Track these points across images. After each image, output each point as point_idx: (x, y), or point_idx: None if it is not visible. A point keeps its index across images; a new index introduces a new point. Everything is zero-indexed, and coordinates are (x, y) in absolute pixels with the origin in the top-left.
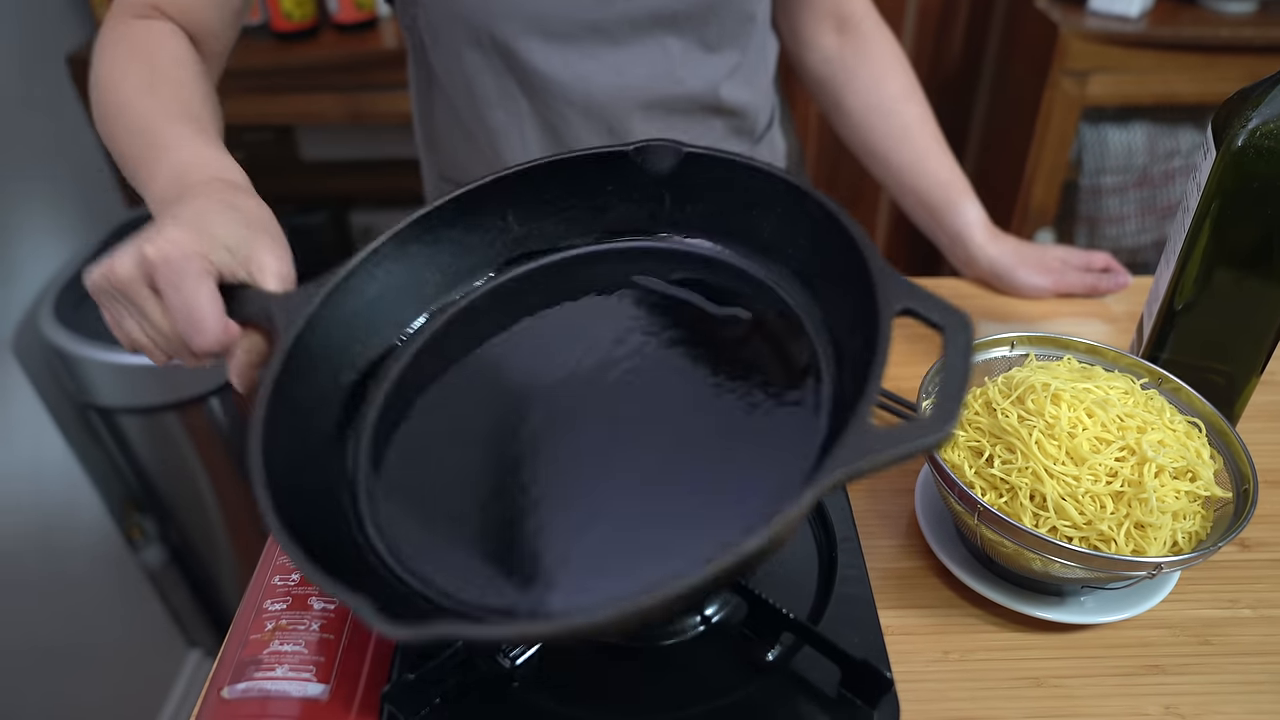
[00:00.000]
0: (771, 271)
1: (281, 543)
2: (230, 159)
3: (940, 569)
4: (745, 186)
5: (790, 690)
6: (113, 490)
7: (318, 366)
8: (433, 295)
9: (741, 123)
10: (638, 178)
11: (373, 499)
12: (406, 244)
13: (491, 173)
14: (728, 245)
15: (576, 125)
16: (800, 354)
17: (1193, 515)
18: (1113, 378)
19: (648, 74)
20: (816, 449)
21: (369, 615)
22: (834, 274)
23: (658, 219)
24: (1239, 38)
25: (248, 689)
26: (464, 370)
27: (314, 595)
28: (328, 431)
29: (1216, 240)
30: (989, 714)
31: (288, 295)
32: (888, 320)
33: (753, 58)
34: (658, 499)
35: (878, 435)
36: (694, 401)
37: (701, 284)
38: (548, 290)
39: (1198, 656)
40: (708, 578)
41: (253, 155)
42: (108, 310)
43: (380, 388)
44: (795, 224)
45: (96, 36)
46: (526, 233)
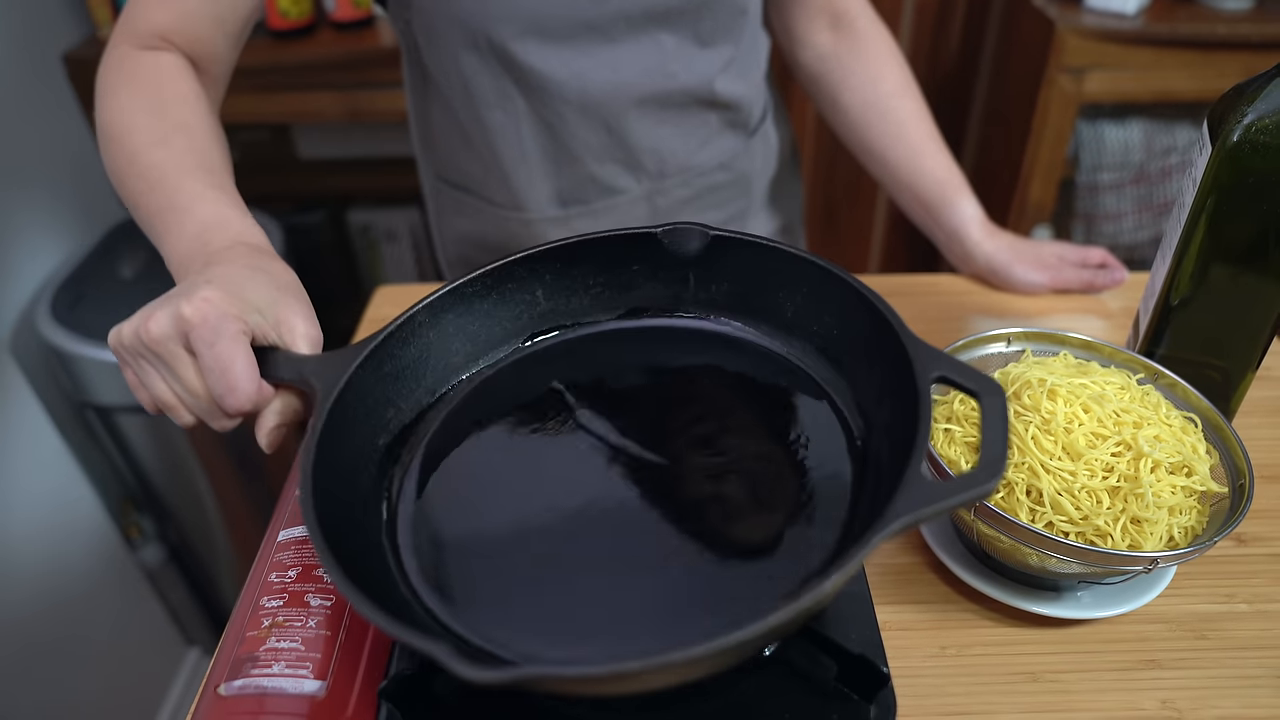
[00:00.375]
0: (794, 348)
1: (357, 605)
2: (250, 219)
3: (937, 565)
4: (772, 268)
5: (787, 684)
6: (111, 489)
7: (356, 429)
8: (461, 364)
9: (736, 116)
10: (664, 258)
11: (417, 555)
12: (439, 313)
13: (523, 250)
14: (750, 323)
15: (573, 123)
16: (826, 422)
17: (1189, 510)
18: (1109, 373)
19: (642, 70)
20: (845, 511)
21: (453, 662)
22: (860, 348)
23: (682, 298)
24: (1236, 34)
25: (244, 686)
26: (492, 436)
27: (311, 593)
28: (366, 491)
29: (1212, 236)
30: (986, 709)
31: (326, 358)
32: (927, 389)
33: (745, 51)
34: (697, 559)
35: (932, 488)
36: (724, 466)
37: (723, 360)
38: (572, 364)
39: (1194, 651)
40: (782, 620)
41: (249, 154)
42: (132, 369)
43: (413, 452)
44: (821, 302)
45: (101, 64)
46: (553, 307)
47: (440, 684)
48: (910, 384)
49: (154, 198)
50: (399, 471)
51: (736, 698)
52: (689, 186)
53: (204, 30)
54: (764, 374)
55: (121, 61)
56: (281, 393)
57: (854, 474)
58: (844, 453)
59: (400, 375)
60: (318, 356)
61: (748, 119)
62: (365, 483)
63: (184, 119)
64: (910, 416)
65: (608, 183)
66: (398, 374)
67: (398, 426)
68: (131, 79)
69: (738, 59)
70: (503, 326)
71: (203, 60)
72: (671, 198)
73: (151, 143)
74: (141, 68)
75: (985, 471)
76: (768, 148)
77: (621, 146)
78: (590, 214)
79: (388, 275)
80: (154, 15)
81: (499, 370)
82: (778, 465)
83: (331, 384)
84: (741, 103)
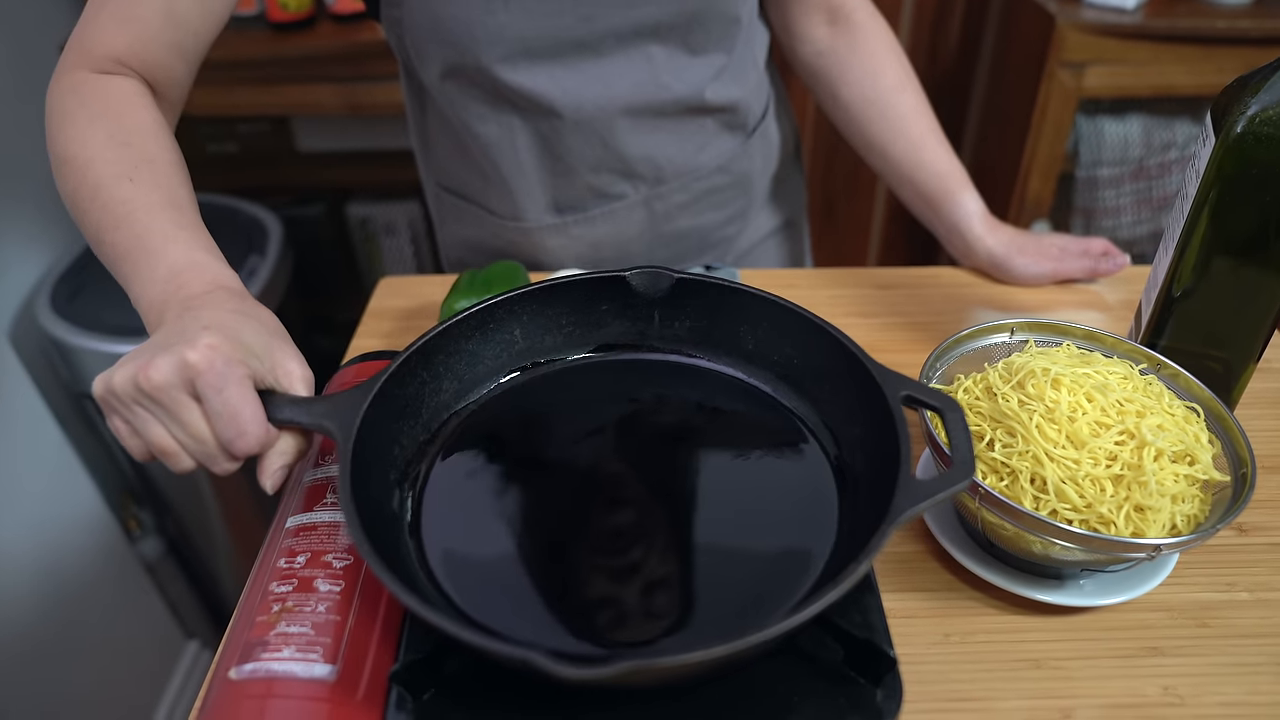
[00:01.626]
0: (756, 376)
1: (438, 623)
2: (222, 261)
3: (941, 553)
4: (733, 305)
5: (796, 669)
6: (110, 481)
7: (372, 467)
8: (451, 400)
9: (733, 118)
10: (632, 298)
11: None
12: (430, 354)
13: (503, 293)
14: (712, 356)
15: (567, 136)
16: (799, 439)
17: (1191, 499)
18: (1111, 363)
19: (633, 83)
20: (835, 515)
21: (549, 663)
22: (820, 374)
23: (647, 334)
24: (1235, 29)
25: (255, 670)
26: (491, 460)
27: (320, 578)
28: (390, 518)
29: (1215, 227)
30: (989, 695)
31: (335, 401)
32: (898, 407)
33: (739, 57)
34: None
35: (921, 486)
36: (709, 485)
37: (691, 388)
38: (551, 395)
39: (1195, 639)
40: (812, 614)
41: (249, 146)
42: (121, 416)
43: (416, 483)
44: (781, 335)
45: (53, 87)
46: (529, 346)
47: (449, 668)
48: (881, 404)
49: (120, 235)
50: (410, 500)
51: (746, 682)
52: (687, 191)
53: (162, 55)
54: (731, 400)
55: (77, 87)
56: (284, 433)
57: (836, 484)
58: (823, 466)
59: (401, 414)
60: (327, 400)
61: (745, 119)
62: (389, 512)
63: (149, 152)
64: (888, 432)
65: (604, 190)
66: (398, 413)
67: (403, 461)
68: (89, 105)
69: (730, 65)
70: (485, 364)
71: (160, 85)
72: (669, 202)
73: (116, 176)
74: (99, 94)
75: (960, 470)
76: (768, 145)
77: (617, 157)
78: (587, 221)
79: (386, 268)
80: (109, 39)
81: (484, 404)
82: (762, 480)
83: (349, 425)
84: (738, 105)
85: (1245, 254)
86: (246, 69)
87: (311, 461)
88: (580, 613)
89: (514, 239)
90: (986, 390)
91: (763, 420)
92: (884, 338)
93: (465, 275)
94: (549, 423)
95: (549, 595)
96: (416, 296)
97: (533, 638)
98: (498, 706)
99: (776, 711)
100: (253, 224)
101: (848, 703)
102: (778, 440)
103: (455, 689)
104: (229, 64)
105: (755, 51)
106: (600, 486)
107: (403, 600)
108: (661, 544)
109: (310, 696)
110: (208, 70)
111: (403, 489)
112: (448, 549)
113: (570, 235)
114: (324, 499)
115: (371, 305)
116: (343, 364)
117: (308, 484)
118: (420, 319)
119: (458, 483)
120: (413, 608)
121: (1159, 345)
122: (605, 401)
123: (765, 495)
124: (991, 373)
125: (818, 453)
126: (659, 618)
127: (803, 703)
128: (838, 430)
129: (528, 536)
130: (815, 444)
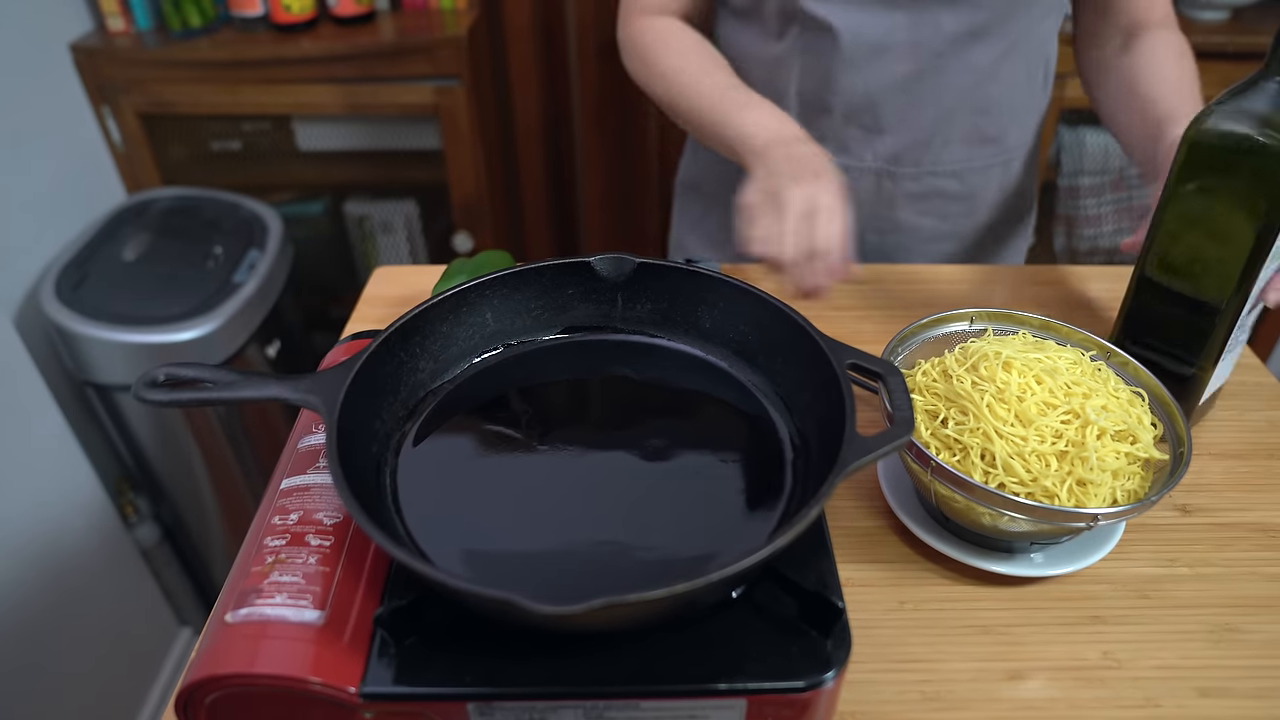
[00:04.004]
0: (713, 353)
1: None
2: (785, 117)
3: (899, 527)
4: (691, 287)
5: (752, 622)
6: (108, 467)
7: (355, 438)
8: (427, 380)
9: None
10: (596, 282)
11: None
12: (408, 335)
13: (475, 278)
14: (672, 335)
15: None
16: (754, 407)
17: (1132, 475)
18: (1063, 350)
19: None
20: (788, 473)
21: (528, 602)
22: (773, 348)
23: (611, 316)
24: (1211, 44)
25: (249, 614)
26: (465, 433)
27: (310, 533)
28: (373, 485)
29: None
30: (939, 657)
31: (319, 378)
32: (844, 374)
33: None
34: (666, 516)
35: (866, 441)
36: (674, 444)
37: (654, 364)
38: (521, 373)
39: (1136, 609)
40: (763, 558)
41: (250, 144)
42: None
43: (395, 457)
44: (736, 313)
45: (625, 33)
46: (500, 328)
47: (430, 617)
48: (829, 371)
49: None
50: (389, 471)
51: (705, 633)
52: (920, 182)
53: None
54: (691, 376)
55: (643, 29)
56: None
57: (790, 447)
58: (777, 432)
59: (381, 390)
60: (312, 377)
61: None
62: (370, 480)
63: (710, 56)
64: (835, 395)
65: (845, 144)
66: (379, 389)
67: (383, 434)
68: (658, 39)
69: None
70: (459, 345)
71: (690, 19)
72: (899, 188)
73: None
74: (659, 30)
75: (901, 427)
76: (1009, 180)
77: (873, 112)
78: None
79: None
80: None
81: (459, 383)
82: (721, 447)
83: (333, 401)
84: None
85: (1205, 224)
86: (249, 69)
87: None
88: (549, 570)
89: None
90: (943, 373)
91: (720, 393)
92: (855, 329)
93: (456, 263)
94: (520, 399)
95: (519, 555)
96: (409, 285)
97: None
98: (475, 654)
99: (733, 659)
100: (254, 219)
101: (799, 651)
102: (735, 410)
103: (434, 636)
104: (233, 63)
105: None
106: (568, 456)
107: (389, 550)
108: (627, 506)
109: (300, 638)
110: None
111: (383, 460)
112: (424, 514)
113: None
114: (316, 463)
115: (366, 292)
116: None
117: (302, 450)
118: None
119: (433, 455)
120: (398, 557)
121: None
122: (573, 379)
123: (724, 460)
124: (949, 357)
125: (771, 420)
126: (624, 572)
127: (758, 651)
128: (790, 399)
129: (500, 503)
130: (770, 412)
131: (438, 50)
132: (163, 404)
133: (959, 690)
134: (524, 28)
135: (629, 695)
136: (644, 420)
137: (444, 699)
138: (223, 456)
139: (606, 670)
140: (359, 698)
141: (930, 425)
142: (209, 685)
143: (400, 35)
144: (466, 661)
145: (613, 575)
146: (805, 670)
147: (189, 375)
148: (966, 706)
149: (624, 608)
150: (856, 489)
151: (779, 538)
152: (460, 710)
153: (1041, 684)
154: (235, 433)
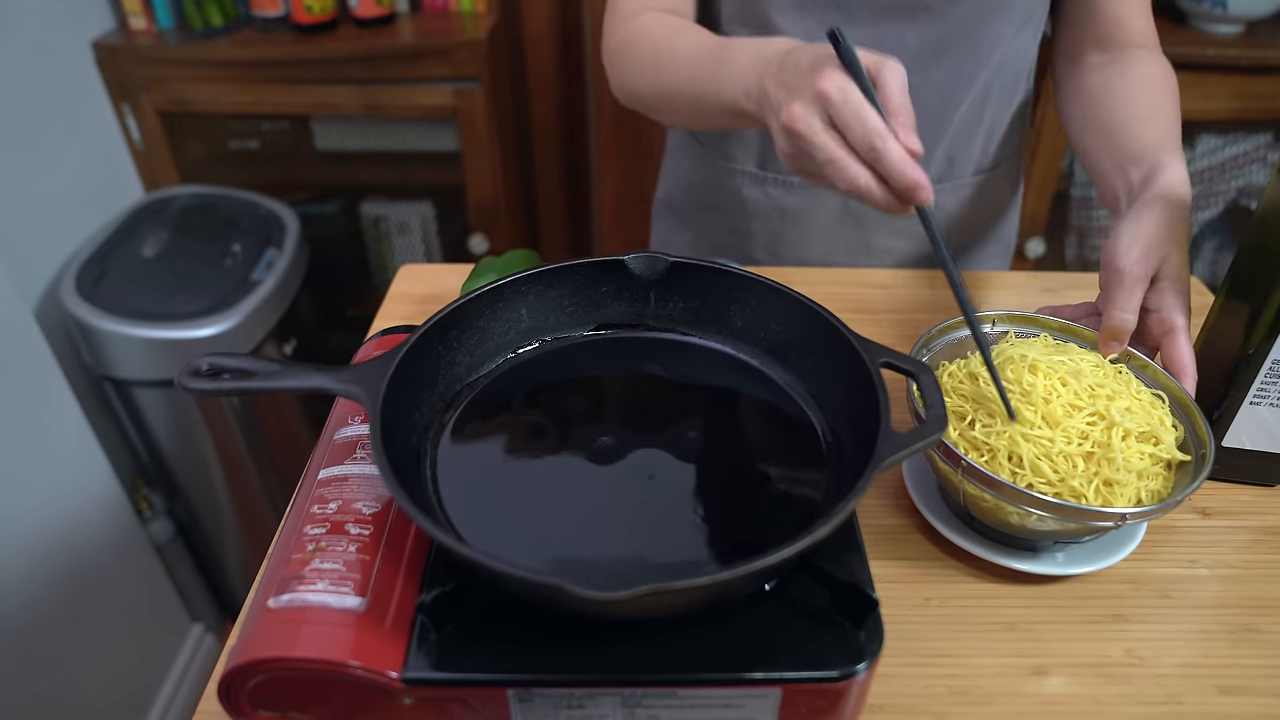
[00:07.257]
0: (744, 351)
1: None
2: (755, 48)
3: (925, 526)
4: (724, 286)
5: (785, 614)
6: (124, 462)
7: (395, 430)
8: (464, 373)
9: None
10: (630, 280)
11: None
12: (447, 329)
13: (512, 274)
14: (704, 333)
15: None
16: (788, 405)
17: (1155, 476)
18: (1085, 353)
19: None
20: (824, 472)
21: (576, 587)
22: (804, 347)
23: (643, 314)
24: (1225, 57)
25: (292, 600)
26: (502, 426)
27: (350, 522)
28: (413, 475)
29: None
30: (964, 652)
31: (359, 370)
32: (878, 372)
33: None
34: (702, 513)
35: (901, 437)
36: (707, 449)
37: (688, 362)
38: (555, 369)
39: (1157, 608)
40: (802, 548)
41: (269, 143)
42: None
43: (434, 448)
44: (768, 312)
45: (608, 36)
46: (534, 324)
47: (471, 603)
48: (862, 369)
49: (703, 53)
50: (428, 461)
51: (740, 625)
52: None
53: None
54: (724, 373)
55: (632, 30)
56: None
57: (826, 444)
58: (810, 429)
59: (420, 383)
60: (354, 369)
61: (972, 157)
62: (410, 471)
63: (693, 29)
64: (868, 393)
65: None
66: (417, 382)
67: (422, 426)
68: (642, 35)
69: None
70: (495, 340)
71: (675, 12)
72: (867, 211)
73: (679, 39)
74: (642, 26)
75: (935, 423)
76: (981, 201)
77: None
78: (785, 185)
79: (398, 266)
80: (633, 5)
81: (494, 377)
82: (755, 444)
83: (375, 391)
84: (973, 136)
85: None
86: (268, 69)
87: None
88: (586, 557)
89: (723, 180)
90: (969, 375)
91: (753, 390)
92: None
93: (485, 261)
94: (555, 393)
95: (558, 546)
96: (433, 284)
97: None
98: (515, 641)
99: (768, 650)
100: (271, 218)
101: (833, 642)
102: (768, 408)
103: (474, 623)
104: (254, 63)
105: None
106: (605, 450)
107: (437, 538)
108: (665, 500)
109: (342, 624)
110: (233, 69)
111: (422, 451)
112: (464, 505)
113: (766, 193)
114: (353, 454)
115: (392, 290)
116: (367, 338)
117: (338, 441)
118: (435, 304)
119: (471, 446)
120: (444, 542)
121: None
122: (607, 375)
123: (759, 457)
124: (974, 359)
125: (805, 417)
126: (663, 563)
127: (792, 642)
128: (822, 397)
129: (537, 494)
130: (802, 410)
131: (457, 52)
132: (207, 393)
133: (985, 685)
134: (542, 31)
135: (666, 684)
136: (678, 415)
137: (484, 684)
138: (237, 454)
139: (644, 659)
140: (401, 682)
141: (959, 426)
142: (251, 670)
143: (420, 37)
144: (506, 648)
145: (651, 565)
146: (839, 661)
147: (232, 365)
148: (992, 701)
149: (668, 594)
150: (882, 488)
151: (817, 529)
152: (500, 696)
153: (1065, 680)
154: (250, 431)
